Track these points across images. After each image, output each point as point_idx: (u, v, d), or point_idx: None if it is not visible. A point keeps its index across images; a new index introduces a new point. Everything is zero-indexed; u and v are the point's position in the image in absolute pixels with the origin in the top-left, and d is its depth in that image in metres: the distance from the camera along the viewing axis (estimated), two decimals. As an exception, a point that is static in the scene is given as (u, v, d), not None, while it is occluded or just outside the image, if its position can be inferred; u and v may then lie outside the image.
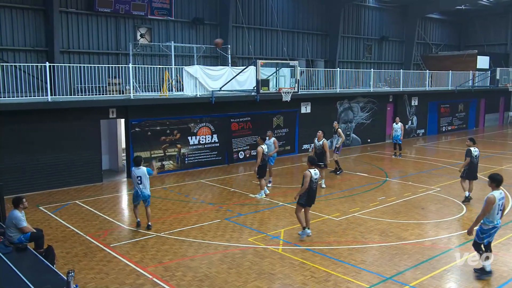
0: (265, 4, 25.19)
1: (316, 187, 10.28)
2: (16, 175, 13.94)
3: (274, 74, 17.43)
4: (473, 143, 13.23)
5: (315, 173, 10.15)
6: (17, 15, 17.67)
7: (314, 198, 10.37)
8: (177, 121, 17.54)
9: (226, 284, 8.02)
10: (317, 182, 10.30)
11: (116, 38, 20.22)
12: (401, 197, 13.85)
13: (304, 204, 10.21)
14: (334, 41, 28.66)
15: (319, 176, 10.45)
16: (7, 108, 13.51)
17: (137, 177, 10.81)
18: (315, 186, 10.21)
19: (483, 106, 33.78)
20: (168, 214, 12.15)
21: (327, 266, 8.75)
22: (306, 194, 10.09)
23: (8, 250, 7.85)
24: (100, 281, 8.13)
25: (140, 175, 10.79)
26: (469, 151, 12.96)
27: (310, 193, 10.14)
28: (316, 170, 10.22)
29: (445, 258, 9.17)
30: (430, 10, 33.48)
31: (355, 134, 24.57)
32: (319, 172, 10.54)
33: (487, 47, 36.51)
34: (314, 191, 10.23)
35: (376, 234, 10.59)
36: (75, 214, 12.25)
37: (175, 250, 9.61)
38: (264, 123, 20.23)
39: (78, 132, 15.17)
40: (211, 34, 23.17)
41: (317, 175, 10.21)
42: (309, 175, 10.01)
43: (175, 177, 16.82)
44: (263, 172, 13.85)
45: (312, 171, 10.10)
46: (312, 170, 10.12)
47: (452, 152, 22.35)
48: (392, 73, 28.29)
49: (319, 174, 10.46)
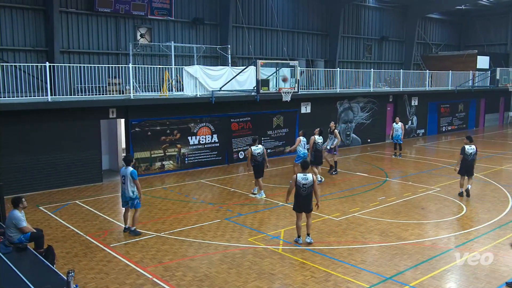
0: (265, 4, 25.19)
1: (307, 193, 9.63)
2: (16, 175, 13.94)
3: (274, 74, 17.43)
4: (469, 141, 13.65)
5: (304, 178, 9.59)
6: (17, 15, 17.67)
7: (304, 204, 9.74)
8: (177, 121, 17.54)
9: (226, 284, 8.03)
10: (308, 188, 9.60)
11: (116, 38, 20.23)
12: (401, 197, 13.85)
13: (294, 209, 9.97)
14: (334, 41, 28.66)
15: (309, 181, 9.61)
16: (7, 108, 13.51)
17: (122, 177, 10.54)
18: (304, 192, 9.62)
19: (483, 106, 33.79)
20: (168, 214, 12.15)
21: (327, 266, 8.75)
22: (295, 199, 9.83)
23: (8, 250, 7.87)
24: (100, 281, 8.13)
25: (124, 175, 10.45)
26: (463, 148, 13.57)
27: (297, 198, 9.75)
28: (306, 175, 9.62)
29: (445, 258, 9.17)
30: (430, 10, 33.48)
31: (355, 134, 24.56)
32: (311, 177, 9.67)
33: (487, 47, 36.51)
34: (303, 196, 9.64)
35: (376, 234, 10.59)
36: (75, 214, 12.25)
37: (175, 250, 9.61)
38: (264, 123, 20.25)
39: (78, 132, 15.17)
40: (211, 34, 23.19)
41: (306, 180, 9.58)
42: (294, 178, 9.68)
43: (175, 177, 16.82)
44: (257, 173, 13.86)
45: (300, 175, 9.63)
46: (300, 174, 9.65)
47: (452, 152, 22.34)
48: (392, 73, 28.30)
49: (310, 180, 9.62)
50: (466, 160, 13.50)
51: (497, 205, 12.95)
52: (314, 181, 9.61)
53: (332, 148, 17.01)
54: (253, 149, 13.70)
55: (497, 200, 13.54)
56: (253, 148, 13.72)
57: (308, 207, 9.81)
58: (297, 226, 9.99)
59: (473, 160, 13.59)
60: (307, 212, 9.87)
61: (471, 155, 13.50)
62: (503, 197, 13.85)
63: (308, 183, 9.58)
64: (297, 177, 9.66)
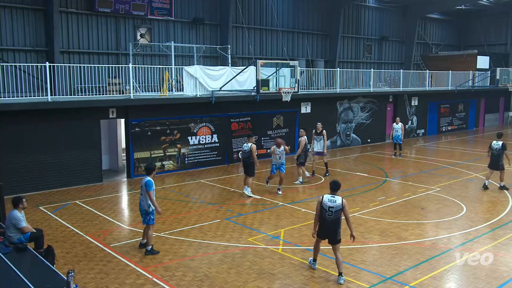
0: (265, 4, 25.19)
1: (333, 218, 8.08)
2: (16, 175, 13.94)
3: (274, 74, 17.43)
4: (498, 137, 15.04)
5: (330, 200, 8.09)
6: (17, 15, 17.67)
7: (329, 230, 8.17)
8: (177, 121, 17.54)
9: (226, 284, 8.03)
10: (334, 212, 8.06)
11: (116, 38, 20.23)
12: (401, 197, 13.85)
13: (318, 235, 8.42)
14: (334, 41, 28.66)
15: (337, 204, 8.06)
16: (7, 108, 13.49)
17: (141, 186, 9.44)
18: (330, 217, 8.08)
19: (483, 106, 33.77)
20: (168, 214, 12.15)
21: (327, 266, 8.75)
22: (319, 223, 8.35)
23: (8, 250, 7.86)
24: (100, 281, 8.13)
25: (142, 185, 9.36)
26: (490, 144, 14.95)
27: (322, 222, 8.24)
28: (335, 197, 8.10)
29: (445, 258, 9.17)
30: (430, 10, 33.48)
31: (355, 134, 24.56)
32: (340, 200, 8.11)
33: (487, 47, 36.50)
34: (328, 222, 8.11)
35: (376, 234, 10.59)
36: (75, 214, 12.25)
37: (175, 250, 9.61)
38: (264, 123, 20.25)
39: (78, 132, 15.16)
40: (211, 34, 23.19)
41: (334, 203, 8.05)
42: (319, 200, 8.25)
43: (175, 177, 16.82)
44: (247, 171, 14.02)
45: (327, 197, 8.16)
46: (328, 196, 8.18)
47: (452, 152, 22.36)
48: (392, 73, 28.29)
49: (338, 203, 8.07)
50: (492, 155, 14.71)
51: (497, 205, 12.95)
52: (344, 205, 8.09)
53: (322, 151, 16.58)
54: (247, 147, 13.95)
55: (497, 200, 13.55)
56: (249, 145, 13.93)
57: (334, 236, 8.18)
58: (315, 248, 8.62)
59: (498, 155, 14.57)
60: (333, 243, 8.22)
61: (496, 150, 14.60)
62: (503, 197, 13.85)
63: (336, 207, 8.08)
64: (322, 198, 8.22)
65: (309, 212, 12.20)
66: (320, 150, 16.58)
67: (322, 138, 16.50)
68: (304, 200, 13.57)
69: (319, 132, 16.57)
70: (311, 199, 13.61)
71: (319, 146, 16.60)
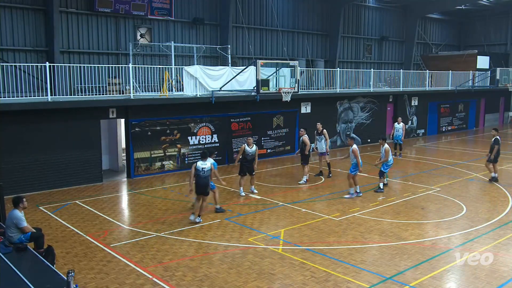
0: (265, 4, 25.19)
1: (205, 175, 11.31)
2: (16, 175, 13.94)
3: (274, 74, 17.42)
4: (496, 131, 15.80)
5: (202, 164, 11.36)
6: (17, 15, 17.66)
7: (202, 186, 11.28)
8: (177, 121, 17.53)
9: (226, 284, 8.02)
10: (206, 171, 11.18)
11: (116, 38, 20.22)
12: (401, 197, 13.85)
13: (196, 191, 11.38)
14: (334, 41, 28.66)
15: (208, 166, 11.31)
16: (7, 108, 13.49)
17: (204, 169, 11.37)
18: (203, 175, 11.28)
19: (483, 106, 33.77)
20: (168, 214, 12.15)
21: (327, 266, 8.75)
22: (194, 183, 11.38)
23: (8, 250, 7.86)
24: (100, 281, 8.13)
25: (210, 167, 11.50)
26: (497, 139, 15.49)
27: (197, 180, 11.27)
28: (205, 162, 11.33)
29: (445, 258, 9.17)
30: (430, 10, 33.47)
31: (355, 134, 24.54)
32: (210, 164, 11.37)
33: (487, 47, 36.49)
34: (202, 178, 11.31)
35: (376, 234, 10.59)
36: (75, 214, 12.25)
37: (175, 250, 9.61)
38: (264, 123, 20.25)
39: (78, 132, 15.16)
40: (211, 34, 23.18)
41: (205, 165, 11.28)
42: (194, 166, 11.38)
43: (175, 177, 16.81)
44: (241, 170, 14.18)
45: (199, 162, 11.46)
46: (200, 161, 11.48)
47: (452, 152, 22.35)
48: (392, 73, 28.29)
49: (209, 166, 11.33)
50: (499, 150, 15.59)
51: (497, 205, 12.95)
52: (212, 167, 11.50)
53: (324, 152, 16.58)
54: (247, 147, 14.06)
55: (497, 200, 13.54)
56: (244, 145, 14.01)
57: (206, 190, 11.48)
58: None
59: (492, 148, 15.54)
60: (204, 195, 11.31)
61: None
62: (503, 197, 13.85)
63: (207, 168, 11.33)
64: (196, 164, 11.24)
65: (310, 212, 12.21)
66: (323, 150, 16.64)
67: (323, 138, 16.57)
68: (304, 200, 13.57)
69: (319, 132, 16.63)
70: (311, 199, 13.63)
71: (321, 146, 16.66)
